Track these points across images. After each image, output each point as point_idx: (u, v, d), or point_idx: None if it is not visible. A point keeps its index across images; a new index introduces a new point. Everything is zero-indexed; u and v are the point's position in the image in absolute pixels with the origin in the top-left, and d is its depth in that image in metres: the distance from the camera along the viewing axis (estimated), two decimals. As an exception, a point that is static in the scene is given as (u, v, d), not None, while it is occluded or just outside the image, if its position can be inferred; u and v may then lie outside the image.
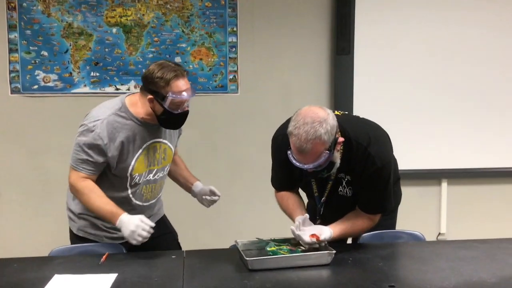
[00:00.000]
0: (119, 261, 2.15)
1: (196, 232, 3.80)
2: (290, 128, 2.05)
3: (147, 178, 2.41)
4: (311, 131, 1.99)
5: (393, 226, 2.57)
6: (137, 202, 2.43)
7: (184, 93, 2.24)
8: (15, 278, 1.99)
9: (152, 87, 2.23)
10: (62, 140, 3.75)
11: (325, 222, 2.30)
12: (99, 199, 2.25)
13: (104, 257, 2.15)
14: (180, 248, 2.63)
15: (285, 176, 2.41)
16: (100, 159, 2.25)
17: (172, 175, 2.67)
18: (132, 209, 2.38)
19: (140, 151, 2.34)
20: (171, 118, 2.29)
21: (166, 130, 2.44)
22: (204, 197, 2.58)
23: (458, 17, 3.95)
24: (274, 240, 2.22)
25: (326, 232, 2.17)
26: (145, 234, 2.15)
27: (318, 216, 2.38)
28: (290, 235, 2.20)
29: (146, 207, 2.47)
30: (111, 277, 1.96)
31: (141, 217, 2.20)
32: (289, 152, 2.11)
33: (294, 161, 2.09)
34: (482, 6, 3.96)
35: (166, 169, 2.52)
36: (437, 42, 3.95)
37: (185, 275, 1.99)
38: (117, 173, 2.32)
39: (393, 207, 2.44)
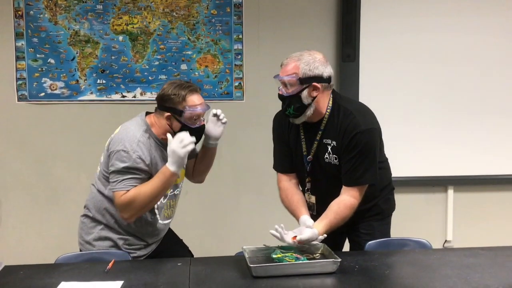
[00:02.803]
0: (125, 268, 2.15)
1: (202, 239, 3.79)
2: None
3: (173, 192, 2.50)
4: (297, 53, 2.34)
5: (387, 232, 2.59)
6: (160, 221, 2.48)
7: (199, 107, 2.34)
8: (21, 285, 1.99)
9: (169, 104, 2.32)
10: (68, 147, 3.78)
11: (313, 193, 2.46)
12: (147, 186, 2.27)
13: (110, 264, 2.16)
14: (191, 255, 2.65)
15: (283, 153, 2.53)
16: (145, 176, 2.32)
17: None
18: (155, 230, 2.47)
19: None
20: (190, 133, 2.33)
21: None
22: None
23: (463, 24, 3.94)
24: (281, 247, 2.22)
25: (305, 233, 2.16)
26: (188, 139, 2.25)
27: (307, 174, 2.46)
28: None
29: (165, 226, 2.55)
30: (117, 284, 1.97)
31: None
32: None
33: (276, 76, 2.39)
34: (488, 12, 3.96)
35: (180, 185, 2.57)
36: (442, 50, 3.94)
37: (190, 282, 2.00)
38: None
39: (376, 182, 2.38)
